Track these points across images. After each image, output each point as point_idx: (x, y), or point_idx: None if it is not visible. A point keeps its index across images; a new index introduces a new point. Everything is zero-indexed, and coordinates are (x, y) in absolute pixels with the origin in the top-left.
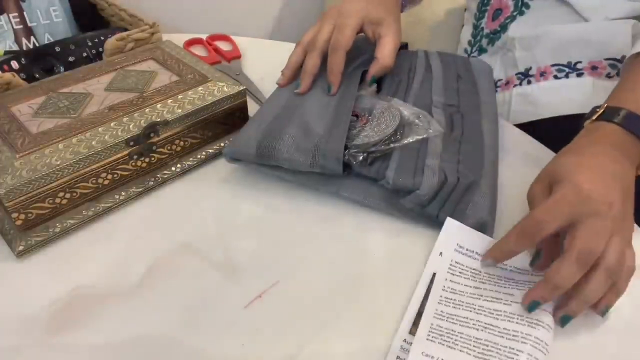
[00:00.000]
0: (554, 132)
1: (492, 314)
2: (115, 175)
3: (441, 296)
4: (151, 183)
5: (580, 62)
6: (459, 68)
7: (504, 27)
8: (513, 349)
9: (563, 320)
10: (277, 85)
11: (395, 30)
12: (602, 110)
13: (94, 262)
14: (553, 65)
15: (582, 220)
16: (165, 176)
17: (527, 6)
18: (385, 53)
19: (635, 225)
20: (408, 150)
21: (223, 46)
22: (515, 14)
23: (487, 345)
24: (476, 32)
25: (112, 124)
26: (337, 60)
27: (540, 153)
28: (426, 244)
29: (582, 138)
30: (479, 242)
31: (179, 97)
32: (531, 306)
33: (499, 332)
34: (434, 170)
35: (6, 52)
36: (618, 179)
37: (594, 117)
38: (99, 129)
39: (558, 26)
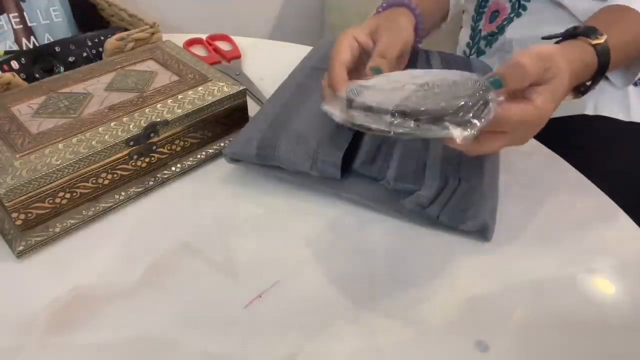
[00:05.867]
0: (553, 132)
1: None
2: (115, 175)
3: None
4: (151, 183)
5: None
6: (459, 68)
7: (501, 29)
8: None
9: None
10: (277, 86)
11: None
12: (603, 40)
13: (94, 262)
14: None
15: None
16: (165, 176)
17: (524, 8)
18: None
19: (636, 226)
20: (409, 151)
21: (223, 46)
22: (512, 15)
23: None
24: (474, 34)
25: (112, 124)
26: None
27: (540, 154)
28: (426, 244)
29: (576, 55)
30: None
31: (179, 97)
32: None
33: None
34: (435, 172)
35: (6, 52)
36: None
37: (593, 42)
38: (99, 129)
39: (555, 27)
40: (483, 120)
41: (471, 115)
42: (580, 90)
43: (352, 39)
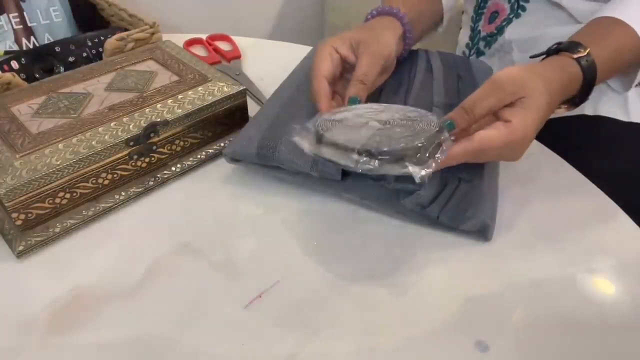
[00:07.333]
0: (553, 132)
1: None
2: (115, 175)
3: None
4: (151, 183)
5: None
6: (459, 68)
7: (500, 30)
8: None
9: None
10: (277, 86)
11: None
12: (585, 53)
13: (94, 262)
14: None
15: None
16: (165, 176)
17: (523, 9)
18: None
19: (636, 226)
20: None
21: (223, 46)
22: (511, 16)
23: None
24: (473, 34)
25: (112, 124)
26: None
27: (540, 154)
28: (426, 244)
29: (556, 72)
30: None
31: (179, 97)
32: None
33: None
34: (435, 172)
35: (6, 52)
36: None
37: (575, 55)
38: (99, 129)
39: (554, 28)
40: (438, 158)
41: (427, 155)
42: (574, 101)
43: (332, 49)
